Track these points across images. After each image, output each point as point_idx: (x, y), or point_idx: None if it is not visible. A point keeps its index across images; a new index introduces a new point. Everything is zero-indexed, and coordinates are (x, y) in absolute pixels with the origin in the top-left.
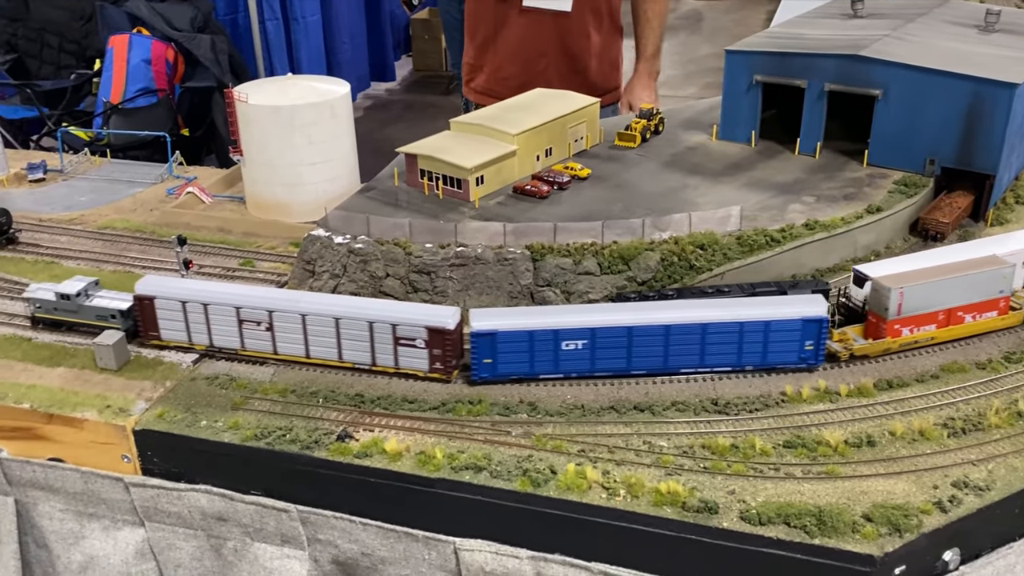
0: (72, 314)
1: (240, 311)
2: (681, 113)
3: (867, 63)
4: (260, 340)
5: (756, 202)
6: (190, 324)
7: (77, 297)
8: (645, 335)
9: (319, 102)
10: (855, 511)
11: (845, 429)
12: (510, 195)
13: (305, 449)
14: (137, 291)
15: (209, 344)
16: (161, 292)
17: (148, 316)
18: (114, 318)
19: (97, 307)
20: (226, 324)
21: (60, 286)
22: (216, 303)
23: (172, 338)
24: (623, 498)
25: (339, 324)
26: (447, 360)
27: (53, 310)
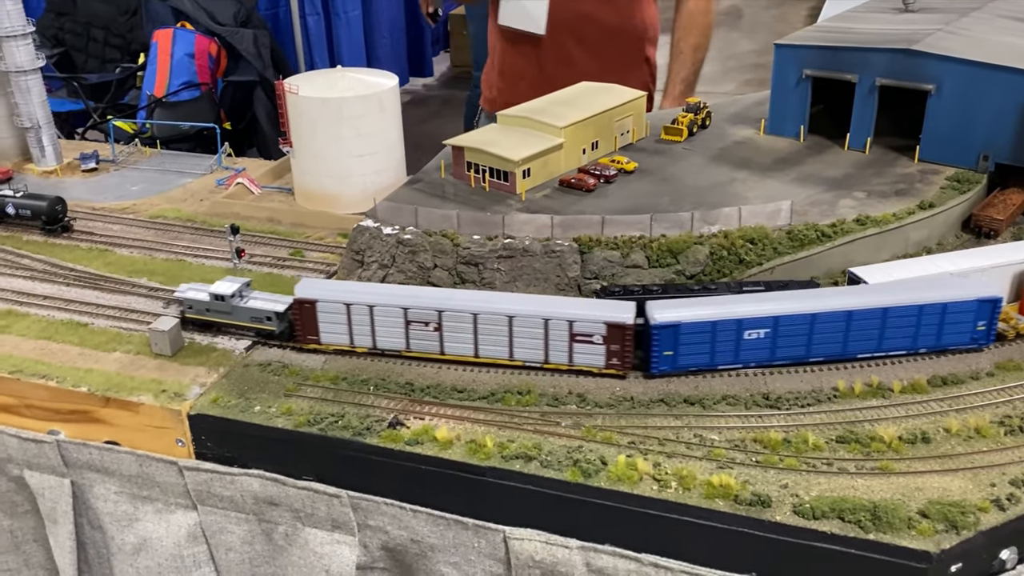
0: (225, 316)
1: (408, 312)
2: (728, 107)
3: (920, 57)
4: (427, 341)
5: (806, 197)
6: (353, 327)
7: (232, 298)
8: (828, 321)
9: (368, 95)
10: (910, 507)
11: (899, 425)
12: (556, 188)
13: (357, 435)
14: (298, 294)
15: (372, 346)
16: (324, 295)
17: (308, 320)
18: (269, 320)
19: (253, 308)
20: (392, 326)
21: (214, 287)
22: (383, 305)
23: (332, 341)
24: (675, 490)
25: (512, 322)
26: (624, 355)
27: (205, 311)
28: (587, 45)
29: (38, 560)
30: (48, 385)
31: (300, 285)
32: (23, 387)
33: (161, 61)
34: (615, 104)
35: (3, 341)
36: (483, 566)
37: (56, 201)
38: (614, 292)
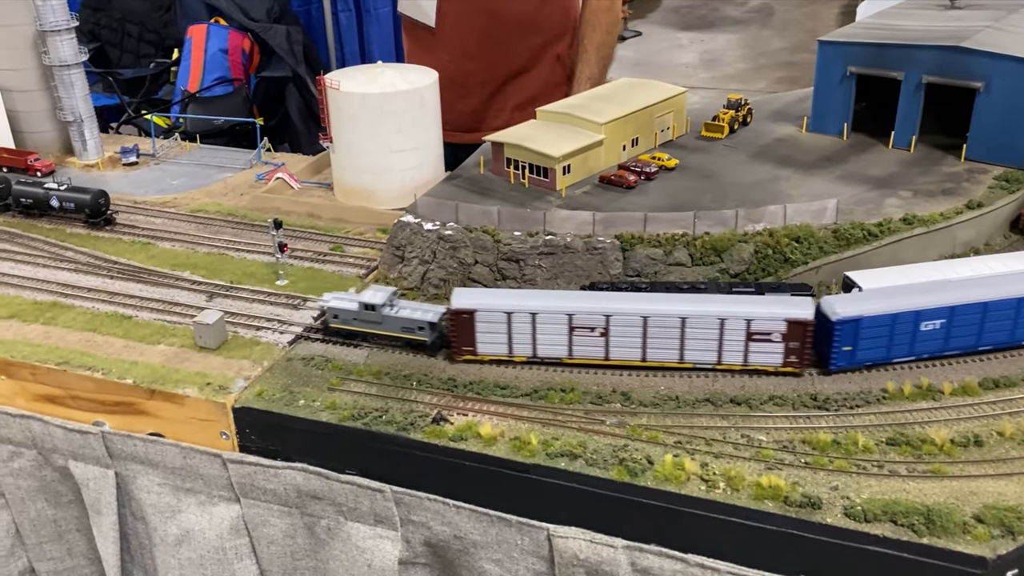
0: (374, 326)
1: (574, 318)
2: (768, 105)
3: (969, 54)
4: (592, 347)
5: (851, 195)
6: (513, 336)
7: (383, 307)
8: (999, 309)
9: (408, 90)
10: (965, 512)
11: (950, 428)
12: (596, 184)
13: (401, 431)
14: (454, 304)
15: (532, 355)
16: (483, 304)
17: (465, 330)
18: (421, 330)
19: (404, 318)
20: (555, 333)
21: (363, 296)
22: (548, 311)
23: (489, 352)
24: (723, 491)
25: (685, 324)
26: (803, 353)
27: (353, 320)
28: (490, 40)
29: (81, 549)
30: (94, 377)
31: (455, 295)
32: (69, 378)
33: (195, 57)
34: (656, 100)
35: (49, 333)
36: (526, 563)
37: (99, 194)
38: (602, 287)
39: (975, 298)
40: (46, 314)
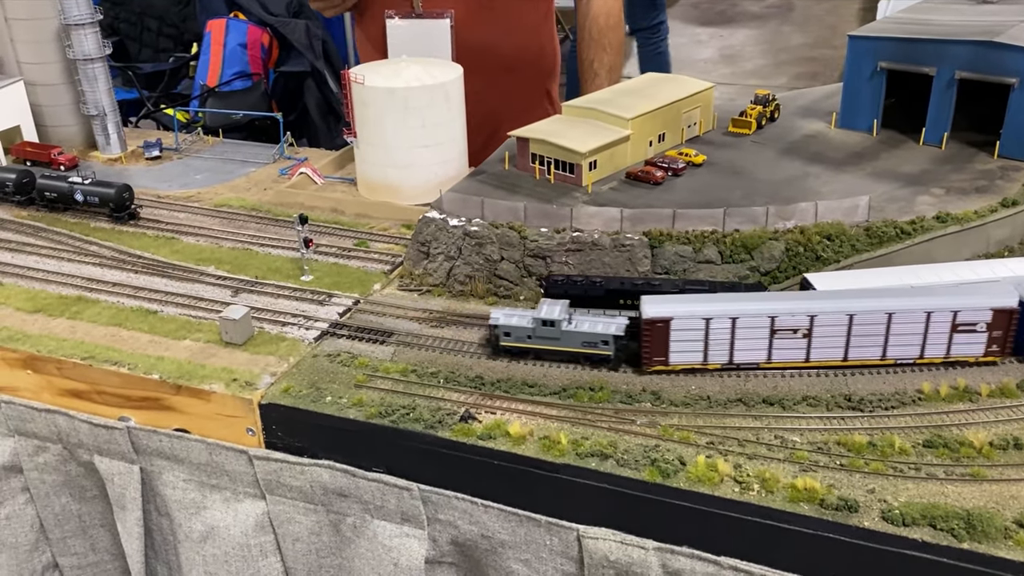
0: (553, 342)
1: (776, 320)
2: (795, 100)
3: (1003, 50)
4: (792, 349)
5: (882, 193)
6: (709, 342)
7: (561, 322)
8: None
9: (433, 85)
10: (1006, 516)
11: (989, 430)
12: (623, 180)
13: (429, 428)
14: (648, 313)
15: (727, 362)
16: (679, 311)
17: (659, 339)
18: (605, 344)
19: (585, 332)
20: (755, 337)
21: (539, 312)
22: (748, 315)
23: (682, 361)
24: (757, 492)
25: (892, 319)
26: (1006, 341)
27: (527, 338)
28: (485, 76)
29: (104, 545)
30: (120, 371)
31: (646, 304)
32: (95, 373)
33: (214, 51)
34: (683, 95)
35: (75, 327)
36: (555, 564)
37: (124, 188)
38: (558, 282)
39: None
40: (71, 308)
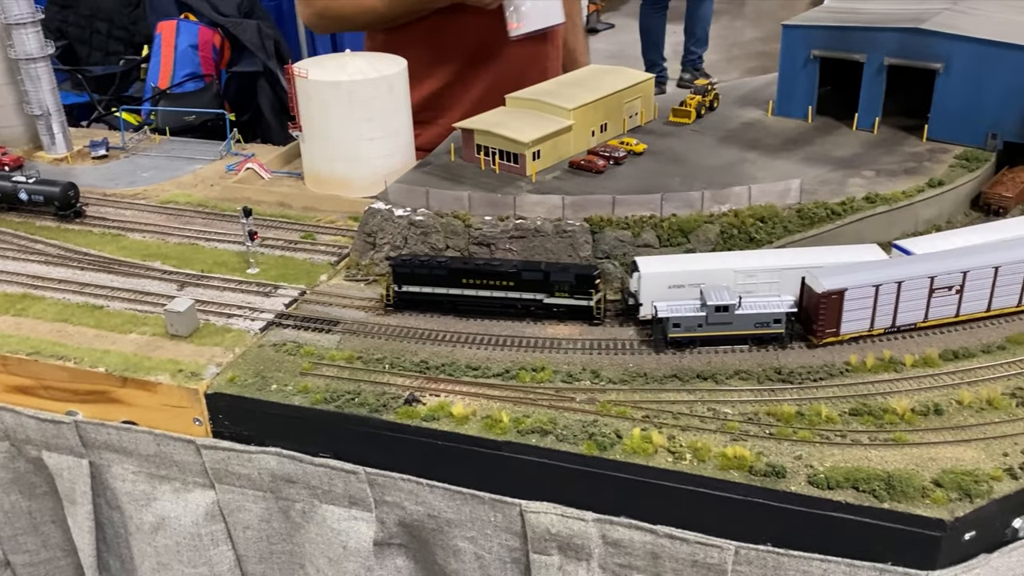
0: (725, 327)
1: (935, 280)
2: (735, 90)
3: (929, 36)
4: (946, 306)
5: (815, 176)
6: (877, 309)
7: (734, 307)
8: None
9: (377, 78)
10: (924, 477)
11: (911, 398)
12: (566, 169)
13: (374, 412)
14: (826, 286)
15: (890, 326)
16: (851, 282)
17: (832, 311)
18: (777, 323)
19: (757, 314)
20: (917, 298)
21: (709, 298)
22: (912, 278)
23: (852, 330)
24: (689, 462)
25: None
26: None
27: (698, 327)
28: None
29: (56, 541)
30: (66, 366)
31: (823, 275)
32: (41, 368)
33: (165, 53)
34: (624, 86)
35: (20, 324)
36: (499, 540)
37: (68, 187)
38: (405, 262)
39: None
40: (16, 306)
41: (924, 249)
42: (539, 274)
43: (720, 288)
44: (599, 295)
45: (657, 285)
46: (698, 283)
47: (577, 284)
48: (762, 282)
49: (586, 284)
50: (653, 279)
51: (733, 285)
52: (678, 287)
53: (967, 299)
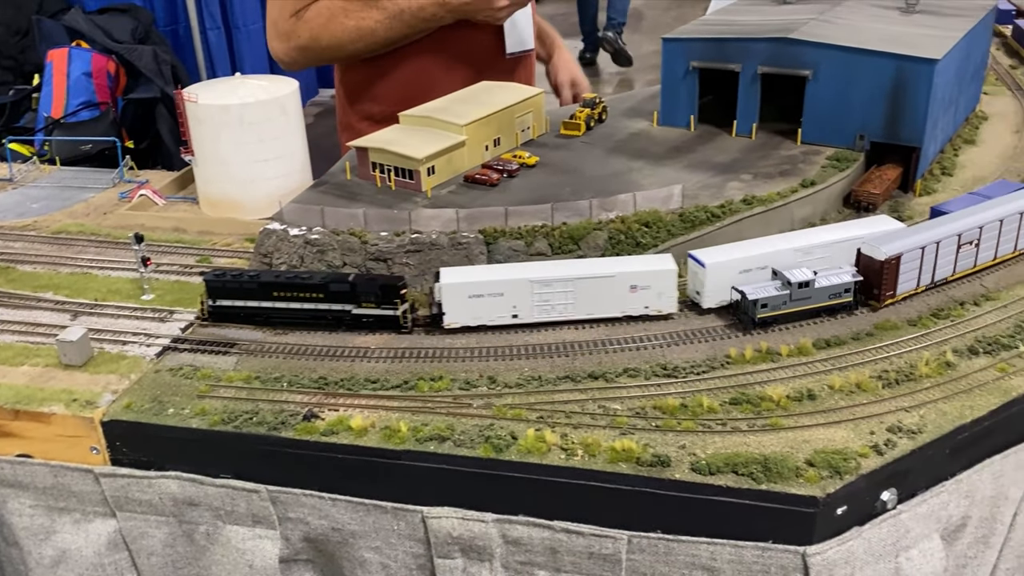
0: (805, 301)
1: (961, 236)
2: (624, 102)
3: (797, 45)
4: (967, 259)
5: (697, 181)
6: (922, 268)
7: (814, 282)
8: None
9: (268, 99)
10: (798, 458)
11: (787, 385)
12: (461, 184)
13: (272, 430)
14: (888, 253)
15: (930, 282)
16: (904, 247)
17: (891, 275)
18: (847, 292)
19: (830, 285)
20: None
21: (791, 276)
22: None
23: (904, 290)
24: (581, 457)
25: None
26: None
27: (783, 304)
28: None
29: None
30: None
31: (874, 245)
32: None
33: (57, 82)
34: (515, 101)
35: None
36: (404, 548)
37: None
38: (218, 276)
39: None
40: None
41: (715, 259)
42: (346, 285)
43: (791, 267)
44: (405, 305)
45: (458, 295)
46: (498, 292)
47: (383, 294)
48: (558, 291)
49: (392, 294)
50: (454, 289)
51: (529, 295)
52: (478, 296)
53: (982, 251)
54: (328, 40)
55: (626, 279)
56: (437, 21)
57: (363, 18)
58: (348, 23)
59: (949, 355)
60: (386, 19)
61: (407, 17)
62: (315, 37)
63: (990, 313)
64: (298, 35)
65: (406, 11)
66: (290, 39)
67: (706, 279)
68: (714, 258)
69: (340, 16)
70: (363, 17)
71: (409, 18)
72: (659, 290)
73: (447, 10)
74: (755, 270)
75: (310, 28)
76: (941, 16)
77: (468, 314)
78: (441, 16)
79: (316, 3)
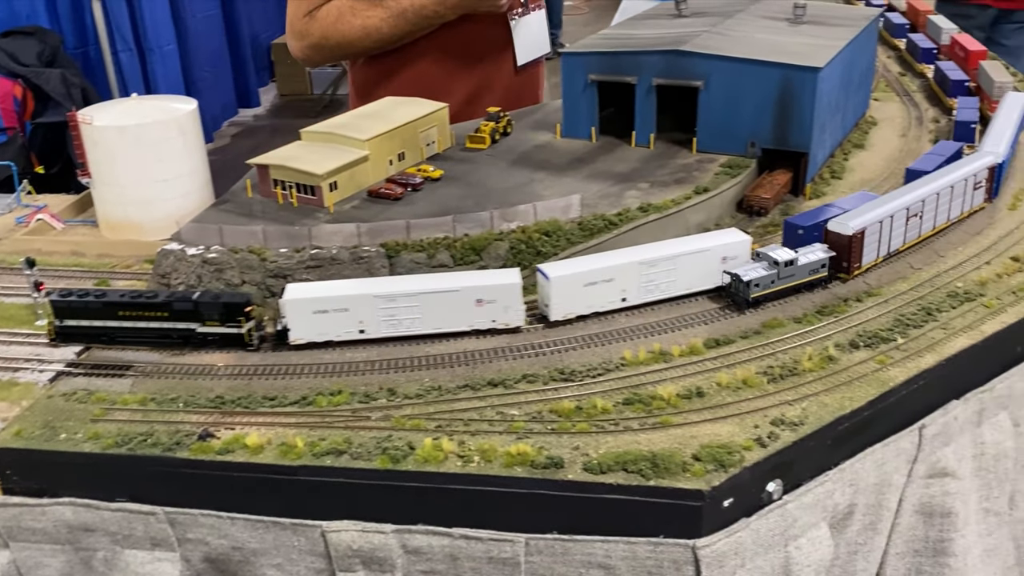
0: (790, 279)
1: (909, 209)
2: (529, 115)
3: (688, 57)
4: (914, 229)
5: (596, 191)
6: (881, 239)
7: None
8: None
9: (166, 119)
10: (685, 453)
11: (677, 384)
12: (365, 199)
13: (167, 451)
14: (855, 228)
15: (887, 252)
16: (864, 222)
17: (858, 248)
18: (823, 267)
19: (810, 262)
20: (901, 225)
21: (776, 256)
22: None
23: (868, 260)
24: (477, 464)
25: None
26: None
27: (771, 283)
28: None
29: None
30: None
31: (841, 221)
32: None
33: None
34: (418, 116)
35: None
36: (305, 563)
37: None
38: (64, 296)
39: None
40: None
41: (559, 272)
42: (190, 304)
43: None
44: (251, 323)
45: (303, 310)
46: (343, 307)
47: (227, 312)
48: (403, 306)
49: (235, 312)
50: (297, 305)
51: (375, 310)
52: (323, 312)
53: (924, 221)
54: (338, 38)
55: (471, 293)
56: (440, 18)
57: (368, 17)
58: (355, 22)
59: (831, 349)
60: (390, 17)
61: (410, 15)
62: (325, 35)
63: (871, 308)
64: (311, 34)
65: (408, 9)
66: (304, 38)
67: (551, 292)
68: (559, 271)
69: (348, 15)
70: (368, 16)
71: (412, 16)
72: (505, 304)
73: (447, 7)
74: (600, 283)
75: (321, 27)
76: (826, 26)
77: (313, 330)
78: (443, 13)
79: (328, 3)
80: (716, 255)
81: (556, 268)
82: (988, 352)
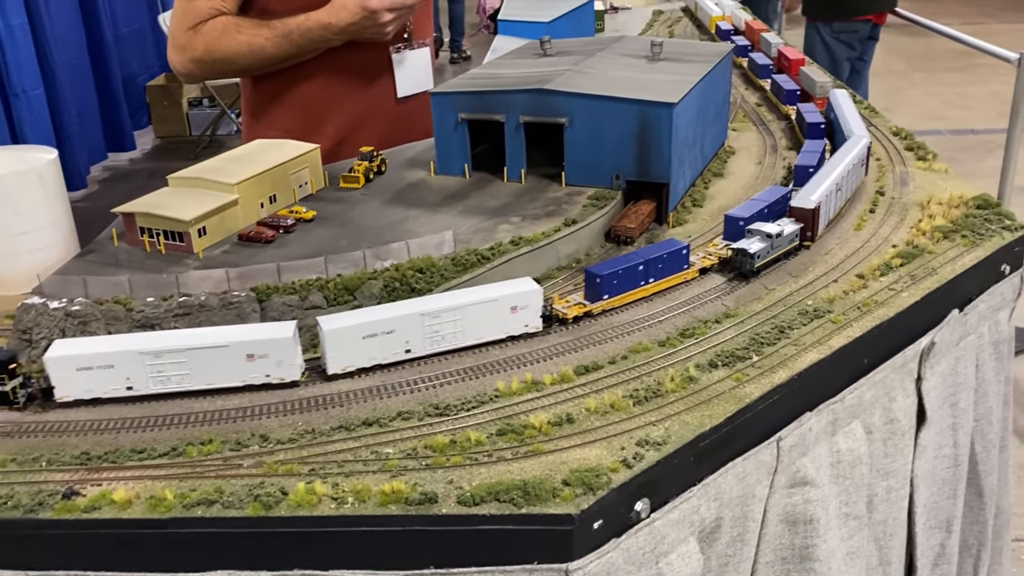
0: (778, 248)
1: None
2: (403, 153)
3: (552, 95)
4: (839, 200)
5: (469, 226)
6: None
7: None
8: None
9: (24, 170)
10: (556, 479)
11: (549, 411)
12: (236, 243)
13: (29, 512)
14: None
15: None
16: (820, 197)
17: (817, 220)
18: (797, 237)
19: (789, 233)
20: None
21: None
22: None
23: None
24: (352, 504)
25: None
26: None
27: (767, 253)
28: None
29: None
30: None
31: (802, 197)
32: None
33: None
34: (288, 158)
35: None
36: None
37: None
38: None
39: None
40: None
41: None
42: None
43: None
44: (16, 380)
45: (67, 367)
46: (108, 364)
47: None
48: (170, 362)
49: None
50: (60, 362)
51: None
52: (87, 368)
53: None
54: (221, 53)
55: (242, 348)
56: (325, 43)
57: (254, 35)
58: (240, 38)
59: (692, 370)
60: (275, 37)
61: (295, 37)
62: (209, 50)
63: (729, 329)
64: (194, 47)
65: (294, 31)
66: (186, 51)
67: (327, 345)
68: (335, 324)
69: (233, 31)
70: (254, 34)
71: (297, 38)
72: (278, 358)
73: (332, 32)
74: (380, 335)
75: (205, 41)
76: (682, 63)
77: (81, 387)
78: (328, 38)
79: (213, 19)
80: (505, 305)
81: (333, 320)
82: (837, 365)
